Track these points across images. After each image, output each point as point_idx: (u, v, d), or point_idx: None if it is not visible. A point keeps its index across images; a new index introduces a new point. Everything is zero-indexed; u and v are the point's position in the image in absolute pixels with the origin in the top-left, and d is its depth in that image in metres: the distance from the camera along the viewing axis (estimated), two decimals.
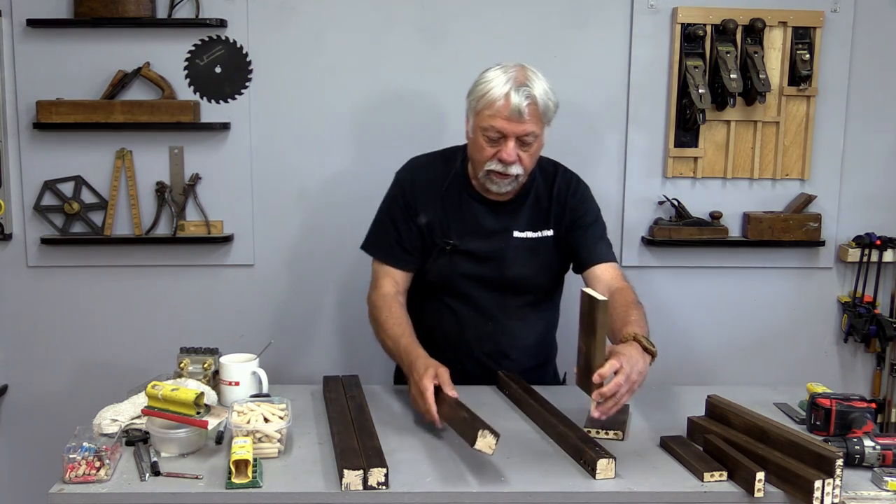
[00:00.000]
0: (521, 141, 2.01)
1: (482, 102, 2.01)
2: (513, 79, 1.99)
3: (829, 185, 2.84)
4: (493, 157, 2.02)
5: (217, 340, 2.25)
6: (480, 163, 2.05)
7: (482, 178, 2.08)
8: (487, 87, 2.00)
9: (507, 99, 1.97)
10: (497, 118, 1.98)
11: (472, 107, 2.06)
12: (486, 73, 2.05)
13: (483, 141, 2.03)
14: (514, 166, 2.02)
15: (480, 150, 2.04)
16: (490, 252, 2.14)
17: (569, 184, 2.19)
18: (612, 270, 2.14)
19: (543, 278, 2.21)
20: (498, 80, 2.00)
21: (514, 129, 1.99)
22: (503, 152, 2.01)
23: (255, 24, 2.70)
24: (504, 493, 1.58)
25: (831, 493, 1.51)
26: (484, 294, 2.16)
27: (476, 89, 2.04)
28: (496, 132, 2.00)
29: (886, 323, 2.80)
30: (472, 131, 2.07)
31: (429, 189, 2.15)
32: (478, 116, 2.03)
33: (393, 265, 2.16)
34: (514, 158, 2.01)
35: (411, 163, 2.23)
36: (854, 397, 1.85)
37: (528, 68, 2.04)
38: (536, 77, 2.03)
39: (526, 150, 2.03)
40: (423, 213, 2.14)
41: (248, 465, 1.57)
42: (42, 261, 2.79)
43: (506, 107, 1.97)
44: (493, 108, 1.98)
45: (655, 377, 2.83)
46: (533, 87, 1.99)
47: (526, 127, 1.99)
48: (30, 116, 2.70)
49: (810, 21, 2.73)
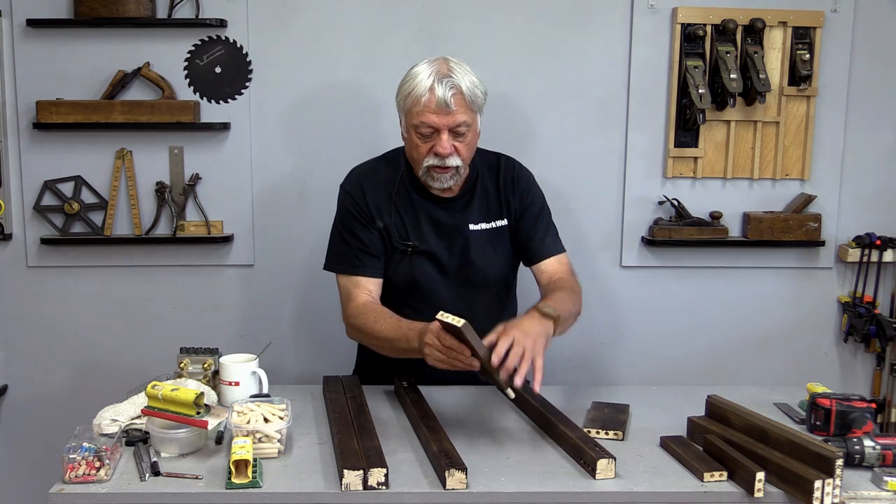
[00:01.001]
0: (454, 132, 2.00)
1: (409, 100, 2.00)
2: (435, 72, 1.98)
3: (829, 185, 2.84)
4: (430, 153, 2.02)
5: (217, 340, 2.25)
6: (418, 161, 2.05)
7: (423, 176, 2.07)
8: (412, 84, 2.00)
9: (431, 92, 1.97)
10: (425, 113, 1.98)
11: (400, 106, 2.05)
12: (411, 71, 2.04)
13: (417, 138, 2.02)
14: (452, 158, 2.02)
15: (416, 148, 2.04)
16: (449, 249, 2.13)
17: (513, 172, 2.20)
18: (557, 264, 2.18)
19: (504, 268, 2.21)
20: (421, 75, 1.99)
21: (444, 122, 1.98)
22: (438, 146, 2.00)
23: (254, 24, 2.70)
24: (504, 493, 1.58)
25: (831, 493, 1.51)
26: (450, 292, 2.14)
27: (402, 88, 2.04)
28: (427, 127, 1.99)
29: (886, 323, 2.80)
30: (406, 131, 2.07)
31: (379, 195, 2.13)
32: (408, 115, 2.03)
33: (363, 274, 2.12)
34: (449, 150, 2.00)
35: (355, 172, 2.20)
36: (854, 397, 1.85)
37: (451, 60, 2.03)
38: (460, 67, 2.02)
39: (461, 140, 2.02)
40: (378, 219, 2.12)
41: (248, 466, 1.57)
42: (42, 261, 2.79)
43: (431, 100, 1.97)
44: (420, 103, 1.98)
45: (656, 377, 2.87)
46: (456, 78, 1.98)
47: (456, 118, 1.98)
48: (30, 116, 2.70)
49: (810, 21, 2.73)
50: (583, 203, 2.81)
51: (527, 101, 2.75)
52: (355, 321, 2.08)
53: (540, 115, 2.78)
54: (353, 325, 2.10)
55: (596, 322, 2.84)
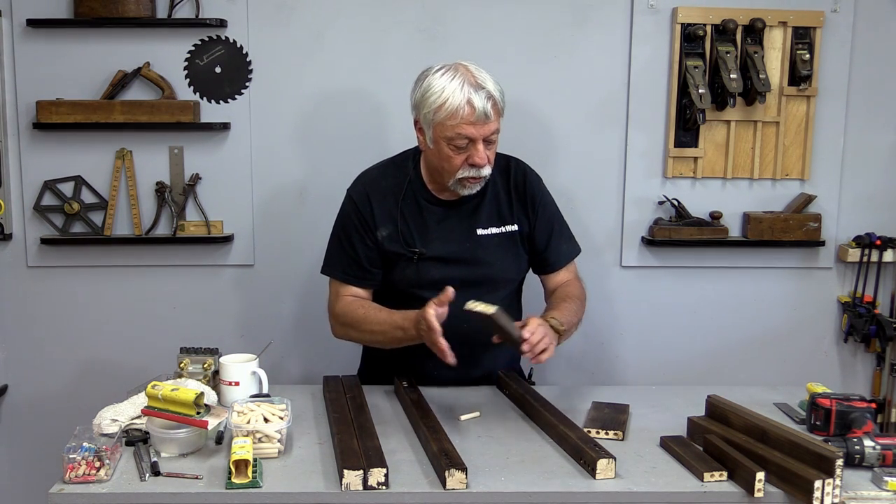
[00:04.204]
0: (486, 140, 2.00)
1: (442, 113, 1.96)
2: (466, 82, 1.95)
3: (829, 185, 2.84)
4: (464, 164, 2.00)
5: (217, 340, 2.25)
6: (451, 172, 2.02)
7: (453, 185, 2.05)
8: (443, 96, 1.95)
9: (470, 105, 1.94)
10: (464, 125, 1.95)
11: (428, 119, 2.00)
12: (433, 81, 1.99)
13: (450, 150, 1.99)
14: (486, 167, 2.02)
15: (448, 160, 2.00)
16: (457, 254, 2.12)
17: (525, 177, 2.20)
18: (567, 272, 2.24)
19: (513, 273, 2.21)
20: (451, 86, 1.95)
21: (482, 132, 1.97)
22: (475, 157, 1.98)
23: (254, 23, 2.70)
24: (504, 493, 1.58)
25: (831, 493, 1.51)
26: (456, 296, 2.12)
27: (428, 100, 1.98)
28: (464, 139, 1.97)
29: (886, 323, 2.80)
30: (433, 142, 2.02)
31: (385, 201, 2.12)
32: (439, 127, 1.98)
33: (354, 284, 2.15)
34: (485, 160, 2.00)
35: (362, 177, 2.19)
36: (854, 397, 1.85)
37: (471, 66, 2.01)
38: (482, 74, 2.00)
39: (490, 147, 2.02)
40: (382, 227, 2.11)
41: (248, 466, 1.57)
42: (42, 261, 2.79)
43: (472, 112, 1.94)
44: (458, 116, 1.94)
45: (656, 377, 2.87)
46: (487, 86, 1.97)
47: (491, 126, 1.98)
48: (30, 116, 2.70)
49: (810, 21, 2.73)
50: (583, 203, 2.81)
51: (527, 101, 2.75)
52: (344, 318, 2.12)
53: (540, 114, 2.78)
54: (341, 322, 2.14)
55: (596, 322, 2.83)
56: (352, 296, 2.15)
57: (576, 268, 2.28)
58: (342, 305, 2.14)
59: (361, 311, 2.10)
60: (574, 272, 2.27)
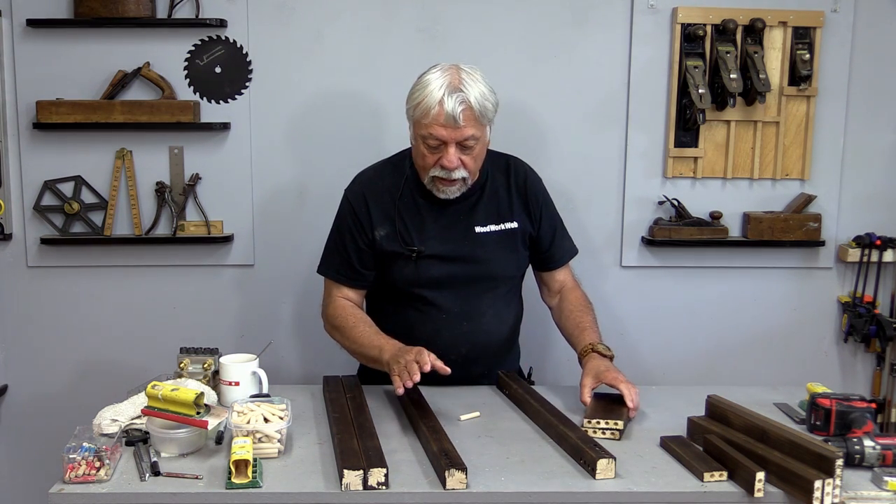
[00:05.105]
0: (461, 146, 1.99)
1: (419, 110, 1.98)
2: (447, 84, 1.95)
3: (829, 185, 2.84)
4: (436, 164, 2.01)
5: (217, 340, 2.25)
6: (424, 170, 2.05)
7: (428, 184, 2.07)
8: (423, 93, 1.97)
9: (440, 106, 1.94)
10: (434, 126, 1.96)
11: (410, 114, 2.03)
12: (423, 78, 2.01)
13: (424, 148, 2.01)
14: (458, 171, 2.02)
15: (422, 158, 2.03)
16: (456, 252, 2.12)
17: (526, 176, 2.21)
18: (566, 271, 2.29)
19: (512, 270, 2.22)
20: (432, 85, 1.96)
21: (452, 136, 1.97)
22: (444, 159, 1.99)
23: (254, 23, 2.70)
24: (504, 493, 1.58)
25: (831, 493, 1.51)
26: (456, 294, 2.14)
27: (412, 96, 2.01)
28: (435, 139, 1.98)
29: (886, 323, 2.80)
30: (414, 138, 2.06)
31: (382, 201, 2.13)
32: (416, 125, 2.01)
33: (345, 284, 2.17)
34: (455, 164, 2.00)
35: (359, 178, 2.21)
36: (854, 397, 1.85)
37: (464, 70, 2.00)
38: (472, 79, 1.98)
39: (468, 153, 2.01)
40: (379, 227, 2.12)
41: (248, 466, 1.57)
42: (42, 261, 2.79)
43: (440, 114, 1.94)
44: (429, 115, 1.96)
45: (656, 377, 2.87)
46: (467, 91, 1.95)
47: (464, 132, 1.97)
48: (30, 116, 2.70)
49: (810, 21, 2.73)
50: (583, 203, 2.81)
51: (527, 100, 2.75)
52: (334, 321, 2.16)
53: (540, 114, 2.78)
54: (331, 323, 2.18)
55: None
56: (343, 297, 2.17)
57: (572, 271, 2.32)
58: (334, 308, 2.17)
59: (351, 321, 2.12)
60: (571, 271, 2.31)
